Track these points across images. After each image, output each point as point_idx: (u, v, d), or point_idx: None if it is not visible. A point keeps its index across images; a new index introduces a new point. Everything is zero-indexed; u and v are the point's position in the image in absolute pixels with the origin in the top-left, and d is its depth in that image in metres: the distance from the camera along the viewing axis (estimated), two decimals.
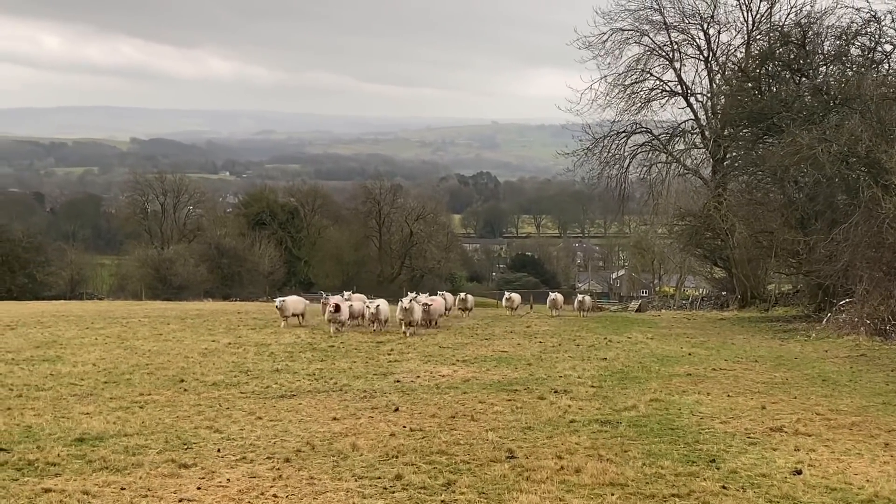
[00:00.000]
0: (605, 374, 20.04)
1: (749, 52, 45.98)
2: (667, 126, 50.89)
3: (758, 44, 45.49)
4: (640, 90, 49.53)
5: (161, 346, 24.63)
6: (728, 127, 44.96)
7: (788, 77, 40.80)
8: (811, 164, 33.24)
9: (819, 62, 39.84)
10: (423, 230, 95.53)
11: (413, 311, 28.45)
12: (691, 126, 50.20)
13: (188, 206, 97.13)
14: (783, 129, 36.09)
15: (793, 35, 40.28)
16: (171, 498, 9.93)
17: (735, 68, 46.39)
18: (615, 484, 10.60)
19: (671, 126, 50.71)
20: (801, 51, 39.40)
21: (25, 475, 10.81)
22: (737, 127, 43.84)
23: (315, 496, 10.08)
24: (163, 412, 14.95)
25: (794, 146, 33.36)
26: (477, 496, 10.07)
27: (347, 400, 16.43)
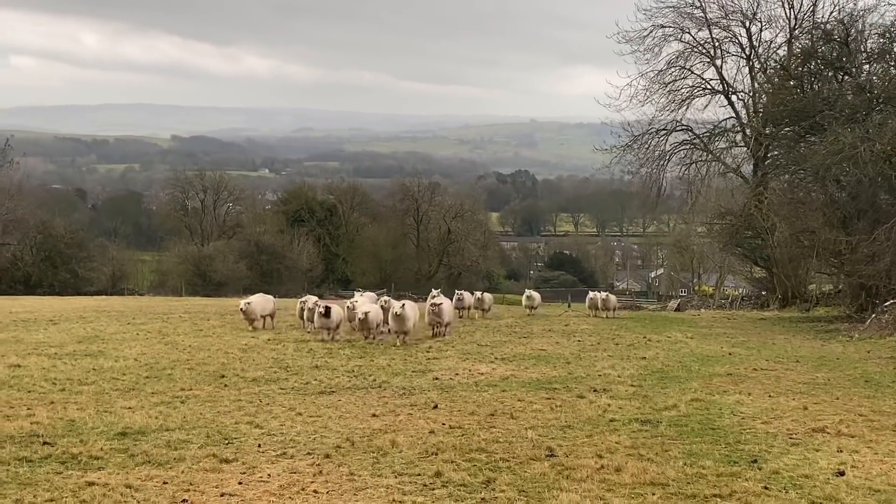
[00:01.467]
0: (645, 373, 19.94)
1: (791, 50, 45.63)
2: (707, 124, 50.59)
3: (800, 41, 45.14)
4: (681, 87, 49.31)
5: (201, 341, 24.83)
6: (770, 125, 44.62)
7: (831, 75, 40.44)
8: (853, 163, 32.92)
9: (862, 60, 39.45)
10: (461, 228, 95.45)
11: (406, 319, 24.82)
12: (732, 124, 49.87)
13: (228, 203, 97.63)
14: (825, 128, 35.76)
15: (835, 33, 39.92)
16: (213, 492, 9.99)
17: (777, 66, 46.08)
18: (656, 483, 10.53)
19: (712, 124, 50.40)
20: (844, 49, 39.01)
21: (69, 468, 10.92)
22: (778, 125, 43.49)
23: (355, 492, 10.10)
24: (204, 407, 15.06)
25: (837, 145, 33.05)
26: (517, 494, 10.05)
27: (386, 397, 16.47)
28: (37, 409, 14.49)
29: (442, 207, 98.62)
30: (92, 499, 9.64)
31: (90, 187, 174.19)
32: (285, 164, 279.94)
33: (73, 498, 9.64)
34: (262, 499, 9.79)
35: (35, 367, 18.98)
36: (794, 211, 39.29)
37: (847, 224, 35.90)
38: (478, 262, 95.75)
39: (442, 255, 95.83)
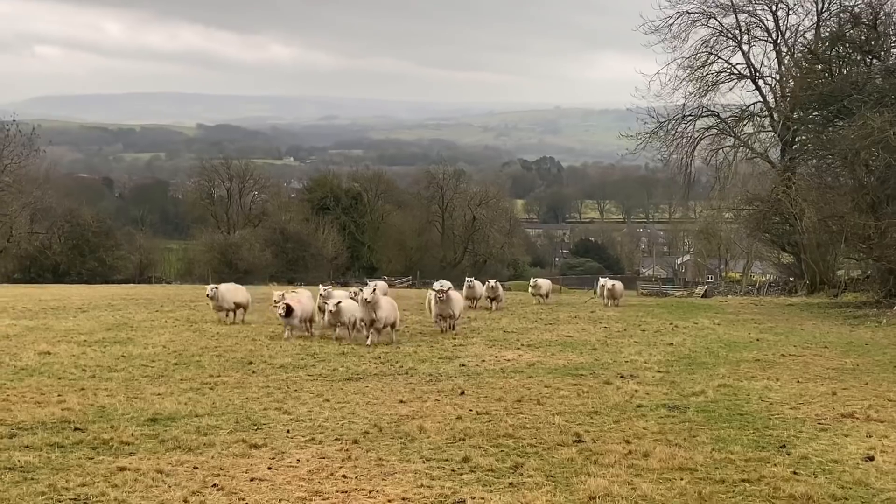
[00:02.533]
0: (672, 359, 19.91)
1: (819, 34, 45.26)
2: (734, 109, 50.29)
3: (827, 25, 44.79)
4: (708, 73, 49.01)
5: (229, 329, 24.98)
6: (797, 110, 44.33)
7: (859, 59, 40.10)
8: (882, 147, 32.68)
9: (891, 44, 39.14)
10: (486, 215, 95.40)
11: (376, 307, 21.71)
12: (760, 109, 49.55)
13: (253, 192, 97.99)
14: (854, 112, 35.47)
15: (864, 16, 39.57)
16: (243, 477, 10.05)
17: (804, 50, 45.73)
18: (684, 469, 10.52)
19: (739, 109, 50.10)
20: (873, 32, 38.67)
21: (100, 454, 11.02)
22: (806, 110, 43.20)
23: (384, 477, 10.14)
24: (232, 393, 15.15)
25: (865, 129, 32.79)
26: (545, 479, 10.06)
27: (413, 383, 16.51)
28: (67, 396, 14.63)
29: (467, 195, 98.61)
30: (124, 483, 9.73)
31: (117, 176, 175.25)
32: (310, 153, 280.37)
33: (105, 483, 9.73)
34: (292, 483, 9.84)
35: (65, 354, 19.15)
36: (823, 196, 39.03)
37: (876, 209, 35.63)
38: (503, 250, 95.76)
39: (467, 243, 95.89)
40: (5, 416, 12.92)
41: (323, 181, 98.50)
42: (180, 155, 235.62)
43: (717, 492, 9.66)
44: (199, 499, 9.23)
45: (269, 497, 9.36)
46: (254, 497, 9.35)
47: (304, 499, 9.32)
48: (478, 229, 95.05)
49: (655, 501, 9.30)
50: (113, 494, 9.32)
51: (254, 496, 9.38)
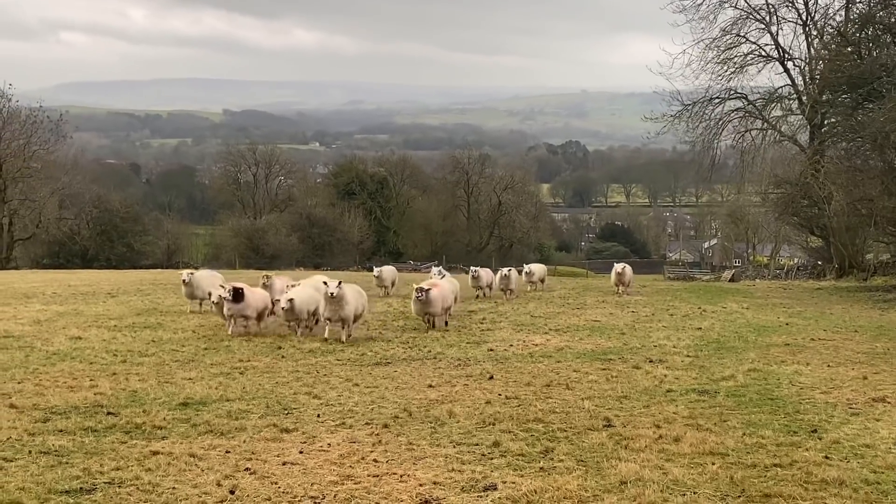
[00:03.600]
0: (701, 343, 19.84)
1: (849, 16, 44.80)
2: (762, 92, 49.89)
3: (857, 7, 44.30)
4: (735, 55, 48.62)
5: None
6: (826, 92, 43.94)
7: (889, 41, 39.67)
8: None
9: None
10: (512, 200, 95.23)
11: (344, 303, 19.71)
12: (788, 92, 49.12)
13: (279, 177, 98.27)
14: (884, 95, 35.19)
15: None
16: (275, 461, 10.11)
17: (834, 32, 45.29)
18: (715, 453, 10.49)
19: (767, 92, 49.70)
20: None
21: (133, 438, 11.11)
22: (835, 92, 42.81)
23: (414, 461, 10.17)
24: (262, 378, 15.24)
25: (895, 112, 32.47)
26: (575, 464, 10.06)
27: (442, 368, 16.55)
28: (100, 381, 14.75)
29: (492, 179, 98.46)
30: (157, 467, 9.80)
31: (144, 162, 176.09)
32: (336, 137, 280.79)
33: (138, 466, 9.81)
34: (323, 467, 9.89)
35: (96, 338, 19.30)
36: (852, 179, 38.72)
37: None
38: (529, 234, 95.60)
39: (493, 227, 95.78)
40: (39, 401, 13.04)
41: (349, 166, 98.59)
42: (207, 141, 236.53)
43: (748, 476, 9.62)
44: (231, 482, 9.29)
45: (301, 481, 9.41)
46: (286, 481, 9.40)
47: (336, 482, 9.36)
48: (503, 214, 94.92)
49: (687, 486, 9.28)
50: (146, 478, 9.40)
51: (286, 480, 9.44)
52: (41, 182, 71.17)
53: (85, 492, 8.99)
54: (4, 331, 20.66)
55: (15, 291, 31.88)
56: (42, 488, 9.02)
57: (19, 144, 70.28)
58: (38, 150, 71.55)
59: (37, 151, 71.41)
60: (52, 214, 71.20)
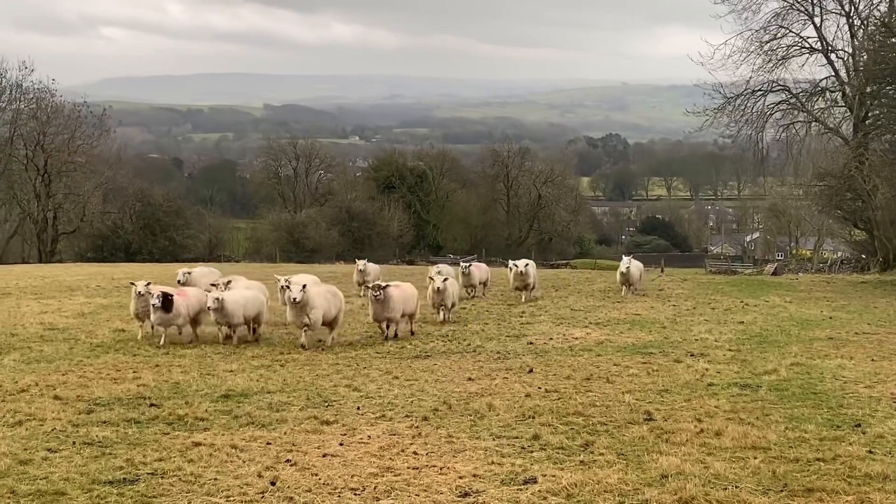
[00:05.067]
0: (743, 337, 19.67)
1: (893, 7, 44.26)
2: (806, 84, 49.36)
3: None
4: (778, 47, 48.12)
5: None
6: (871, 84, 43.40)
7: None
8: None
9: None
10: (552, 193, 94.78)
11: (312, 308, 17.86)
12: (832, 84, 48.56)
13: (319, 171, 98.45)
14: None
15: None
16: (315, 453, 10.16)
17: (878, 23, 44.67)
18: (757, 447, 10.41)
19: (810, 84, 49.16)
20: None
21: (176, 429, 11.23)
22: (880, 84, 42.28)
23: (454, 454, 10.18)
24: (303, 370, 15.32)
25: None
26: (616, 457, 10.02)
27: (481, 361, 16.55)
28: (143, 372, 14.91)
29: (532, 173, 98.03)
30: (199, 458, 9.89)
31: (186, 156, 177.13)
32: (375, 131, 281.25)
33: (180, 458, 9.90)
34: (363, 459, 9.93)
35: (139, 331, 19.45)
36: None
37: None
38: (568, 228, 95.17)
39: (532, 221, 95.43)
40: (83, 392, 13.21)
41: (388, 160, 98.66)
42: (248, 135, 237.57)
43: (791, 471, 9.54)
44: (272, 474, 9.35)
45: (342, 473, 9.45)
46: (326, 473, 9.44)
47: (376, 475, 9.39)
48: (543, 207, 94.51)
49: (728, 480, 9.22)
50: (189, 469, 9.49)
51: (326, 472, 9.48)
52: (85, 176, 71.96)
53: (128, 482, 9.10)
54: (49, 323, 20.96)
55: (59, 284, 32.30)
56: (86, 479, 9.14)
57: (63, 139, 71.11)
58: (82, 145, 72.34)
59: (81, 146, 72.20)
60: (96, 208, 71.93)
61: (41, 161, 70.24)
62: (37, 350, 16.91)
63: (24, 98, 71.16)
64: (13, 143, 71.07)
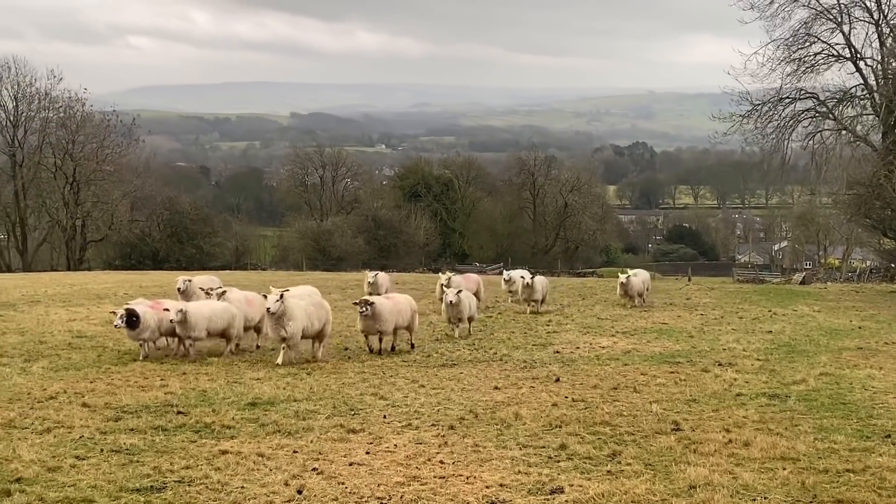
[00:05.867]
0: (772, 347, 19.55)
1: None
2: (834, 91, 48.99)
3: None
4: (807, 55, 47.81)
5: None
6: None
7: None
8: None
9: None
10: (578, 201, 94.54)
11: (291, 319, 16.78)
12: (861, 91, 48.19)
13: (346, 179, 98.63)
14: None
15: None
16: (342, 462, 10.16)
17: None
18: (786, 458, 10.33)
19: (839, 91, 48.80)
20: None
21: (203, 437, 11.26)
22: None
23: (481, 463, 10.16)
24: (329, 379, 15.34)
25: None
26: (643, 467, 9.97)
27: (508, 370, 16.52)
28: (170, 380, 14.97)
29: (558, 181, 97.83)
30: (226, 466, 9.92)
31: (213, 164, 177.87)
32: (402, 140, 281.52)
33: (207, 465, 9.93)
34: (390, 468, 9.92)
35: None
36: None
37: None
38: (595, 236, 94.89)
39: (559, 229, 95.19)
40: (111, 400, 13.28)
41: (414, 168, 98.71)
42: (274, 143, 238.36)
43: (820, 482, 9.46)
44: (299, 482, 9.36)
45: (368, 481, 9.44)
46: (353, 481, 9.44)
47: (403, 483, 9.38)
48: (569, 215, 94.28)
49: (757, 491, 9.15)
50: (216, 477, 9.51)
51: (353, 480, 9.48)
52: (113, 185, 72.47)
53: (155, 490, 9.13)
54: (78, 331, 21.09)
55: (88, 292, 32.51)
56: (113, 486, 9.17)
57: (92, 148, 71.70)
58: (110, 154, 72.90)
59: (109, 155, 72.76)
60: (124, 216, 72.43)
61: (70, 169, 70.81)
62: (65, 357, 17.01)
63: (53, 107, 71.81)
64: (42, 151, 71.70)
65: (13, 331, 21.30)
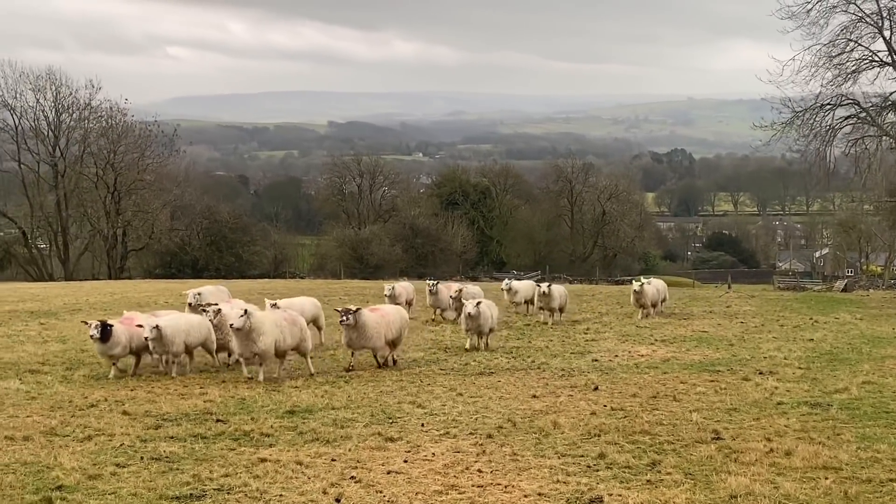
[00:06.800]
0: (813, 355, 19.33)
1: None
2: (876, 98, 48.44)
3: None
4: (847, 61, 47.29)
5: None
6: None
7: None
8: None
9: None
10: (616, 209, 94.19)
11: (260, 335, 15.80)
12: None
13: (383, 187, 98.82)
14: None
15: None
16: (380, 470, 10.16)
17: None
18: (828, 468, 10.20)
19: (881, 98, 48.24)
20: None
21: (242, 445, 11.30)
22: None
23: (519, 472, 10.12)
24: (367, 387, 15.35)
25: None
26: (683, 477, 9.88)
27: (546, 378, 16.46)
28: (209, 388, 15.06)
29: (596, 188, 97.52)
30: (265, 474, 9.95)
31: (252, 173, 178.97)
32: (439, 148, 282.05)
33: (246, 473, 9.97)
34: (428, 477, 9.90)
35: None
36: None
37: None
38: (633, 244, 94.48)
39: (597, 237, 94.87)
40: (151, 408, 13.38)
41: (451, 176, 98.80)
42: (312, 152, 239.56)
43: (863, 491, 9.34)
44: (337, 490, 9.36)
45: (406, 490, 9.43)
46: (391, 490, 9.44)
47: (441, 492, 9.37)
48: (608, 223, 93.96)
49: (799, 501, 9.05)
50: (255, 485, 9.54)
51: (391, 489, 9.47)
52: (154, 194, 73.15)
53: (195, 498, 9.18)
54: None
55: (129, 301, 32.79)
56: (153, 494, 9.23)
57: (133, 158, 72.45)
58: (151, 163, 73.65)
59: (150, 164, 73.51)
60: (164, 225, 73.00)
61: (111, 179, 71.53)
62: (106, 366, 17.12)
63: (94, 117, 72.62)
64: (83, 161, 72.50)
65: (55, 339, 21.55)
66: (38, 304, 31.51)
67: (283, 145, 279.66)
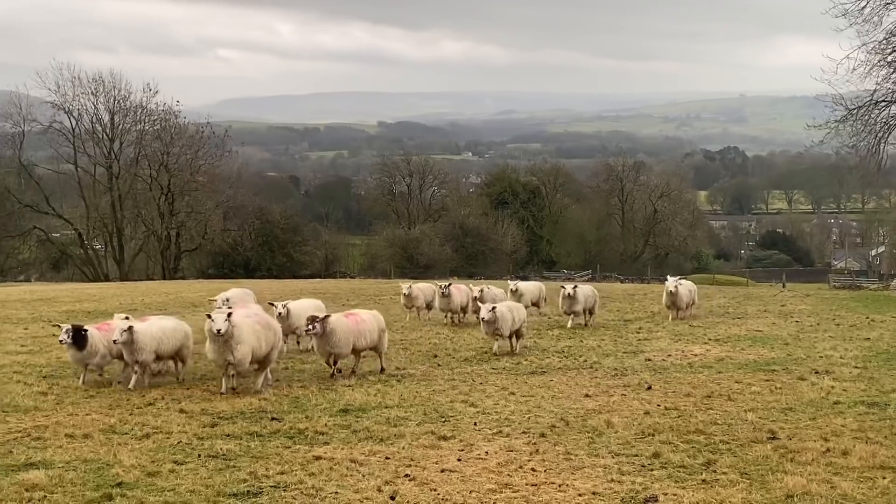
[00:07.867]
0: (870, 354, 19.08)
1: None
2: None
3: None
4: None
5: (413, 322, 25.41)
6: None
7: None
8: None
9: None
10: (668, 207, 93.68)
11: (239, 343, 14.58)
12: None
13: (433, 187, 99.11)
14: None
15: None
16: (434, 468, 10.20)
17: None
18: (886, 467, 10.07)
19: None
20: None
21: (297, 443, 11.39)
22: None
23: (573, 471, 10.10)
24: (419, 386, 15.41)
25: None
26: (739, 476, 9.81)
27: (598, 377, 16.41)
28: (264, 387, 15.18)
29: (647, 187, 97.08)
30: (320, 472, 10.02)
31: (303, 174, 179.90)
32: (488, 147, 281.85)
33: (302, 471, 10.05)
34: (482, 475, 9.92)
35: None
36: None
37: None
38: (685, 242, 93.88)
39: (648, 236, 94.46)
40: (207, 406, 13.53)
41: (501, 175, 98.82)
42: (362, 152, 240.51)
43: None
44: (392, 488, 9.41)
45: (460, 488, 9.46)
46: (445, 488, 9.47)
47: (495, 491, 9.38)
48: (659, 222, 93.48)
49: (857, 500, 8.95)
50: (310, 482, 9.62)
51: (445, 487, 9.50)
52: (207, 195, 74.01)
53: (252, 495, 9.27)
54: None
55: (183, 300, 33.22)
56: (211, 491, 9.34)
57: (186, 159, 73.37)
58: (203, 165, 74.50)
59: (203, 166, 74.37)
60: (217, 226, 73.84)
61: (165, 180, 72.55)
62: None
63: (149, 119, 73.64)
64: (138, 163, 73.53)
65: None
66: (95, 305, 32.02)
67: (333, 146, 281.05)
